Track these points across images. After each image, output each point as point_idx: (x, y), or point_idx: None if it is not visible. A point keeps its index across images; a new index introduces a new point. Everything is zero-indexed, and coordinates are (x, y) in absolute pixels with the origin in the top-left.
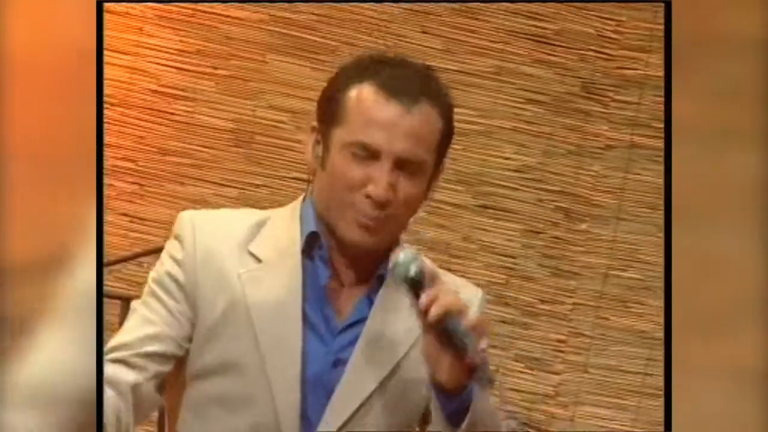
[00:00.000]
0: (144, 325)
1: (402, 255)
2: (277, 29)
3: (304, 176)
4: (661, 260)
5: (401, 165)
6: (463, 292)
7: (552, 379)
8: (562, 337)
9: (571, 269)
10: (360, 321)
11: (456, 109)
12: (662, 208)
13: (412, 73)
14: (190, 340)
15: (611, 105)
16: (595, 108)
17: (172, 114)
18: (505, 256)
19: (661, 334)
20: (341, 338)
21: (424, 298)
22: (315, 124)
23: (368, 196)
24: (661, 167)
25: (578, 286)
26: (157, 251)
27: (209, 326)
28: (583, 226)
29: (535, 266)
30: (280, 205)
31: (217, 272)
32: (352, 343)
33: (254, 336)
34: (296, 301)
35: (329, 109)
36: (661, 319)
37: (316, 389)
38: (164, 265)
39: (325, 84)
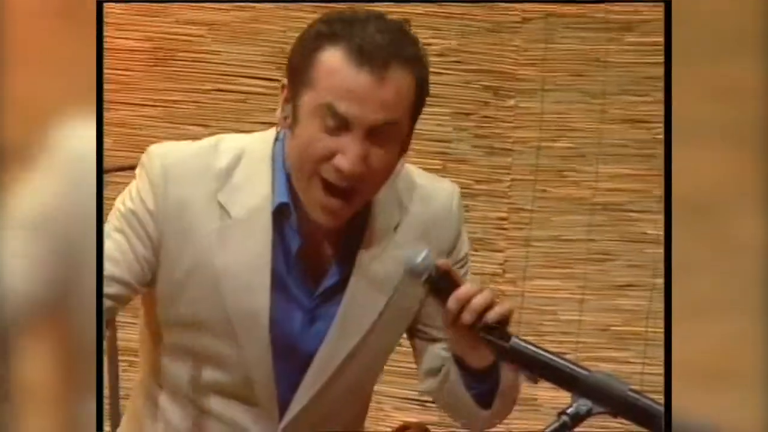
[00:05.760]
0: (108, 262)
1: (419, 257)
2: None
3: (225, 87)
4: (591, 126)
5: (373, 134)
6: (438, 188)
7: (497, 257)
8: (503, 215)
9: (504, 146)
10: (337, 282)
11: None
12: (587, 74)
13: (385, 34)
14: (147, 285)
15: None
16: None
17: None
18: (439, 141)
19: (600, 199)
20: (319, 299)
21: (452, 302)
22: (284, 82)
23: (337, 169)
24: (581, 34)
25: (513, 162)
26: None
27: (174, 281)
28: (511, 102)
29: (469, 147)
30: (205, 119)
31: (186, 227)
32: (330, 299)
33: (222, 301)
34: (266, 268)
35: (299, 70)
36: (599, 185)
37: (295, 349)
38: (136, 205)
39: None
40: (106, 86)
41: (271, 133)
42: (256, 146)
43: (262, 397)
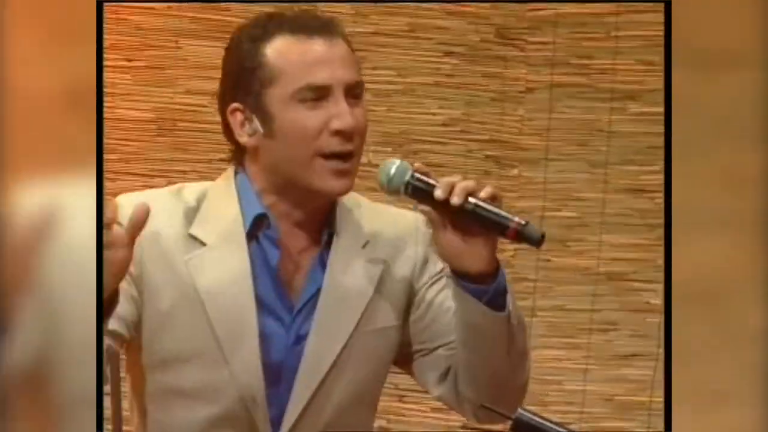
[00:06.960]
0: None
1: (392, 168)
2: (188, 14)
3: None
4: (595, 195)
5: (348, 93)
6: (403, 214)
7: None
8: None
9: None
10: (315, 295)
11: (375, 71)
12: (590, 143)
13: (310, 14)
14: (136, 326)
15: (527, 48)
16: (512, 52)
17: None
18: None
19: (604, 269)
20: (299, 316)
21: (438, 191)
22: (235, 105)
23: (336, 132)
24: (584, 104)
25: None
26: None
27: (158, 316)
28: (515, 171)
29: None
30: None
31: (163, 260)
32: (310, 316)
33: (209, 325)
34: (248, 286)
35: (250, 79)
36: (603, 254)
37: (281, 371)
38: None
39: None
40: (111, 156)
41: (229, 171)
42: (218, 184)
43: (256, 421)
